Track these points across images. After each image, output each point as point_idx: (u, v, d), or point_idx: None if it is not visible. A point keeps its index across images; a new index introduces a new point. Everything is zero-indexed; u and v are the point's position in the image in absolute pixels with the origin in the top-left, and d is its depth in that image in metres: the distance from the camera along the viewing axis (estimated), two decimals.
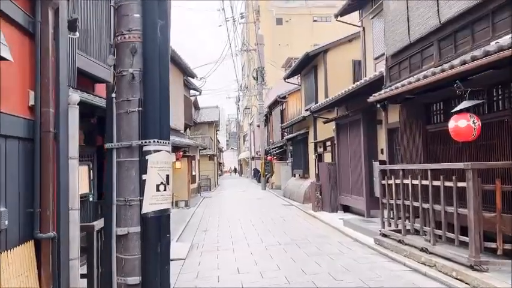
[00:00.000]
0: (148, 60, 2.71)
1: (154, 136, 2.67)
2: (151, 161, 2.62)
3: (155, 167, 2.63)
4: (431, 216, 6.18)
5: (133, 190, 2.67)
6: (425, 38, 6.59)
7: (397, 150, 9.68)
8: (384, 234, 7.77)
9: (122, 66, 2.75)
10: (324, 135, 15.02)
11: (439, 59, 6.33)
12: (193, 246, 8.86)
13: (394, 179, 7.37)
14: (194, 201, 18.16)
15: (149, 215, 2.62)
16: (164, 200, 2.68)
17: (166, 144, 2.74)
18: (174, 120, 15.81)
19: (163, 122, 2.74)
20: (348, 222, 10.04)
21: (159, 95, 2.72)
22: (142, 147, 2.66)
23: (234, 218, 13.10)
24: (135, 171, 2.68)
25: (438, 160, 6.87)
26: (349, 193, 11.86)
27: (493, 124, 5.64)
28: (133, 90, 2.72)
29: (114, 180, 2.70)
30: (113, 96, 2.77)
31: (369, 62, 12.49)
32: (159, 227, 2.65)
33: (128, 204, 2.66)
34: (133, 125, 2.71)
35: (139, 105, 2.71)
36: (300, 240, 8.95)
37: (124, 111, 2.73)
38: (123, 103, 2.74)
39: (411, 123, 7.59)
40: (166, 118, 2.79)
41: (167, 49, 2.82)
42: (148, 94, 2.70)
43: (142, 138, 2.68)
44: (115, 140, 2.73)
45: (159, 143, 2.68)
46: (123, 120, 2.72)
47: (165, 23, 2.79)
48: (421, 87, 6.07)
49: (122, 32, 2.77)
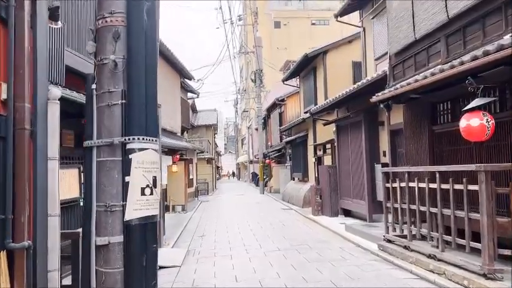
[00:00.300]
0: (132, 46, 2.39)
1: (140, 132, 2.34)
2: (135, 160, 2.30)
3: (140, 168, 2.31)
4: (440, 221, 5.85)
5: (116, 194, 2.35)
6: (432, 34, 6.29)
7: (400, 152, 9.38)
8: (388, 239, 7.44)
9: (103, 53, 2.43)
10: (324, 137, 14.71)
11: (446, 56, 6.04)
12: (190, 253, 8.52)
13: (399, 182, 7.05)
14: (191, 206, 17.80)
15: (133, 222, 2.29)
16: (150, 206, 2.35)
17: (154, 141, 2.41)
18: (171, 122, 15.48)
19: (150, 117, 2.41)
20: (350, 227, 9.71)
21: (145, 86, 2.40)
22: (126, 145, 2.34)
23: (232, 223, 12.75)
24: (117, 173, 2.36)
25: (445, 162, 6.56)
26: (350, 197, 11.53)
27: (505, 123, 5.33)
28: (115, 80, 2.40)
29: (93, 183, 2.38)
30: (93, 88, 2.45)
31: (370, 63, 12.22)
32: (144, 236, 2.32)
33: (109, 210, 2.33)
34: (116, 119, 2.38)
35: (123, 97, 2.39)
36: (300, 245, 8.62)
37: (105, 104, 2.40)
38: (104, 95, 2.41)
39: (416, 124, 7.28)
40: (153, 112, 2.46)
41: (155, 34, 2.50)
42: (133, 85, 2.37)
43: (125, 134, 2.36)
44: (95, 137, 2.41)
45: (145, 140, 2.35)
46: (104, 114, 2.40)
47: (153, 5, 2.47)
48: (429, 85, 5.77)
49: (103, 15, 2.45)
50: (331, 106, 12.33)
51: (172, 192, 15.86)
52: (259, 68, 25.81)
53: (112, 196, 2.34)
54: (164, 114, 13.68)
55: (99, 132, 2.40)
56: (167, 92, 15.05)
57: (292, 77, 19.81)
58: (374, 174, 10.20)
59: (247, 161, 44.85)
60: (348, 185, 11.74)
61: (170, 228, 11.23)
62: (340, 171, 12.30)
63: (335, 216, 12.27)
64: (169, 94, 15.39)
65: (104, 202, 2.35)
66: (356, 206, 11.19)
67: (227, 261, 7.60)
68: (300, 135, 17.83)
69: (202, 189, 26.69)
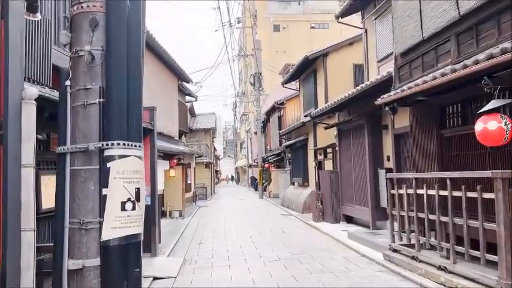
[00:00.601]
0: (112, 36, 2.05)
1: (120, 136, 2.00)
2: (114, 169, 1.95)
3: (120, 178, 1.96)
4: (452, 231, 5.50)
5: (92, 209, 2.00)
6: (441, 32, 5.96)
7: (406, 157, 9.04)
8: (394, 249, 7.07)
9: (79, 44, 2.09)
10: (325, 141, 14.37)
11: (457, 56, 5.71)
12: (186, 262, 8.14)
13: (406, 189, 6.70)
14: (189, 211, 17.41)
15: (111, 243, 1.94)
16: (132, 223, 2.00)
17: (137, 147, 2.07)
18: (168, 126, 15.13)
19: (132, 119, 2.07)
20: (353, 235, 9.35)
21: (128, 82, 2.05)
22: (103, 152, 1.99)
23: (230, 230, 12.37)
24: (93, 184, 2.01)
25: (455, 168, 6.22)
26: (353, 203, 11.17)
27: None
28: (92, 75, 2.06)
29: (66, 196, 2.03)
30: (67, 85, 2.10)
31: (372, 65, 11.91)
32: (125, 259, 1.97)
33: (83, 227, 1.98)
34: (92, 121, 2.04)
35: (101, 95, 2.04)
36: (301, 254, 8.24)
37: (80, 103, 2.06)
38: (79, 93, 2.07)
39: (423, 128, 6.94)
40: (136, 113, 2.12)
41: (139, 22, 2.15)
42: (113, 81, 2.03)
43: (103, 139, 2.01)
44: (69, 141, 2.06)
45: (126, 146, 2.01)
46: (79, 116, 2.06)
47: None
48: (439, 86, 5.43)
49: (79, 0, 2.11)
50: (333, 109, 12.00)
51: (170, 197, 15.49)
52: (259, 71, 25.49)
53: (87, 211, 2.00)
54: (160, 118, 13.33)
55: (73, 136, 2.06)
56: (164, 95, 14.71)
57: (292, 80, 19.51)
58: (377, 179, 9.85)
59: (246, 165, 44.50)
60: (350, 191, 11.38)
61: (166, 235, 10.85)
62: (342, 177, 11.95)
63: (337, 222, 11.91)
64: (166, 97, 15.05)
65: (78, 218, 2.00)
66: (359, 212, 10.83)
67: (225, 271, 7.24)
68: (300, 139, 17.49)
69: (201, 194, 26.30)
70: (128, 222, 1.96)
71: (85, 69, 2.06)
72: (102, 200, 1.97)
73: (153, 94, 12.91)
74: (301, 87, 18.70)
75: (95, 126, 2.04)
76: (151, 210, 8.36)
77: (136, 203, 2.01)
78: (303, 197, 15.87)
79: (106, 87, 2.03)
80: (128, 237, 1.97)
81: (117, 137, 1.99)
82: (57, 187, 2.07)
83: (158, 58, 13.82)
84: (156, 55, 13.55)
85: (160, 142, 12.56)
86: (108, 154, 1.97)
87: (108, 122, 2.01)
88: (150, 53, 12.99)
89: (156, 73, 13.68)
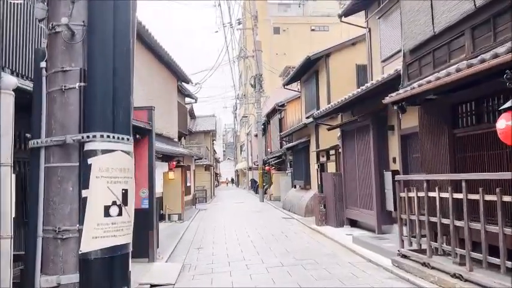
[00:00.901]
0: (96, 8, 1.72)
1: (104, 128, 1.67)
2: (96, 166, 1.62)
3: (104, 178, 1.63)
4: (468, 236, 5.16)
5: (69, 214, 1.67)
6: (454, 27, 5.65)
7: (413, 159, 8.72)
8: (403, 254, 6.73)
9: (56, 18, 1.76)
10: (327, 143, 14.04)
11: (472, 51, 5.38)
12: (185, 268, 7.81)
13: (416, 192, 6.37)
14: (189, 214, 17.05)
15: (92, 256, 1.61)
16: (118, 231, 1.66)
17: (125, 141, 1.74)
18: (167, 127, 14.80)
19: (119, 107, 1.74)
20: (358, 239, 9.00)
21: (114, 63, 1.72)
22: (84, 145, 1.66)
23: (231, 233, 12.03)
24: (72, 184, 1.68)
25: (469, 169, 5.88)
26: (357, 206, 10.83)
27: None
28: (72, 55, 1.74)
29: (40, 199, 1.70)
30: (42, 66, 1.77)
31: (376, 65, 11.63)
32: (109, 275, 1.63)
33: (59, 237, 1.65)
34: (71, 109, 1.72)
35: (81, 78, 1.72)
36: (305, 260, 7.90)
37: (57, 88, 1.74)
38: (56, 76, 1.74)
39: (434, 127, 6.61)
40: (125, 100, 1.78)
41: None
42: (96, 61, 1.70)
43: (84, 130, 1.68)
44: (43, 133, 1.73)
45: (112, 138, 1.68)
46: (56, 103, 1.73)
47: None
48: (453, 83, 5.11)
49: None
50: (336, 110, 11.68)
51: (169, 200, 15.14)
52: (259, 72, 25.20)
53: (64, 217, 1.67)
54: (159, 119, 13.01)
55: (49, 127, 1.73)
56: (163, 95, 14.40)
57: (293, 81, 19.24)
58: (383, 182, 9.51)
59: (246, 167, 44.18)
60: (354, 194, 11.05)
61: (165, 240, 10.51)
62: (346, 179, 11.61)
63: (340, 226, 11.56)
64: (165, 97, 14.73)
65: (53, 226, 1.67)
66: (363, 216, 10.48)
67: (226, 278, 6.91)
68: (301, 141, 17.17)
69: (200, 197, 25.93)
70: (113, 231, 1.63)
71: (63, 47, 1.73)
72: (81, 204, 1.63)
73: (152, 94, 12.60)
74: (303, 88, 18.41)
75: (75, 116, 1.71)
76: (150, 213, 8.03)
77: (124, 208, 1.68)
78: (305, 200, 15.52)
79: (88, 69, 1.71)
80: (113, 248, 1.64)
81: (101, 128, 1.66)
82: (29, 188, 1.74)
83: (157, 58, 13.52)
84: (155, 55, 13.24)
85: (159, 144, 12.24)
86: (89, 148, 1.64)
87: (90, 111, 1.68)
88: (149, 53, 12.68)
89: (155, 73, 13.37)
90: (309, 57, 14.92)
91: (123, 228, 1.67)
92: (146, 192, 8.09)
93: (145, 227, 7.91)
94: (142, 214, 7.93)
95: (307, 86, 17.56)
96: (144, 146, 8.15)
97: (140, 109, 8.65)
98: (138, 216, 7.64)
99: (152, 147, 8.19)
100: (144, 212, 7.97)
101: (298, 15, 46.41)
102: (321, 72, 15.55)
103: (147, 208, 8.04)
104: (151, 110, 8.25)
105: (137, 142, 8.06)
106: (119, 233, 1.66)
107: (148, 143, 8.16)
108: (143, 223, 7.86)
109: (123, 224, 1.68)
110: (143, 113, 8.27)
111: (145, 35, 11.24)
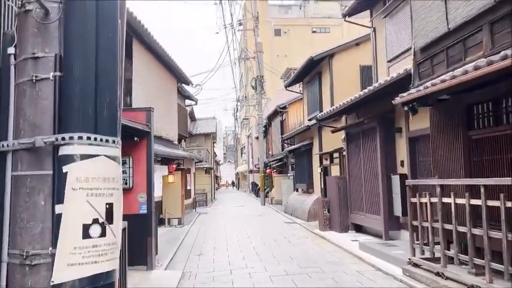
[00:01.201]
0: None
1: (84, 127, 1.35)
2: (74, 176, 1.29)
3: (82, 189, 1.30)
4: (487, 246, 4.83)
5: (41, 235, 1.35)
6: (471, 22, 5.32)
7: (422, 163, 8.39)
8: (414, 263, 6.39)
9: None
10: (331, 146, 13.72)
11: (491, 47, 5.07)
12: (185, 276, 7.48)
13: (429, 197, 6.04)
14: (189, 218, 16.71)
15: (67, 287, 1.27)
16: (101, 256, 1.33)
17: (110, 144, 1.41)
18: (167, 130, 14.48)
19: (104, 102, 1.41)
20: (364, 246, 8.66)
21: (97, 48, 1.39)
22: (59, 149, 1.33)
23: (232, 239, 11.69)
24: (44, 197, 1.36)
25: (486, 174, 5.56)
26: (363, 211, 10.49)
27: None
28: (45, 38, 1.41)
29: (6, 215, 1.37)
30: (10, 53, 1.45)
31: (381, 66, 11.32)
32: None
33: (28, 263, 1.33)
34: (44, 105, 1.39)
35: (57, 67, 1.39)
36: (310, 268, 7.57)
37: (27, 78, 1.41)
38: (25, 64, 1.42)
39: (447, 130, 6.29)
40: (111, 95, 1.46)
41: None
42: (75, 46, 1.38)
43: (60, 131, 1.36)
44: (11, 135, 1.41)
45: (93, 141, 1.35)
46: (25, 97, 1.40)
47: None
48: (470, 81, 4.79)
49: None
50: (341, 111, 11.37)
51: (168, 204, 14.82)
52: (260, 74, 24.90)
53: (34, 238, 1.34)
54: (159, 120, 12.71)
55: (17, 127, 1.40)
56: (162, 97, 14.08)
57: (296, 82, 18.94)
58: (390, 186, 9.18)
59: (247, 170, 43.84)
60: (359, 198, 10.71)
61: (164, 245, 10.17)
62: (351, 183, 11.28)
63: (345, 231, 11.22)
64: (164, 99, 14.42)
65: (21, 249, 1.34)
66: (369, 221, 10.14)
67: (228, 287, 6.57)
68: (304, 144, 16.84)
69: (201, 200, 25.62)
70: (94, 256, 1.30)
71: (35, 29, 1.41)
72: (55, 222, 1.31)
73: (151, 95, 12.29)
74: (305, 90, 18.11)
75: (48, 113, 1.39)
76: (148, 219, 7.71)
77: (108, 226, 1.35)
78: (308, 204, 15.19)
79: (65, 56, 1.38)
80: (95, 278, 1.31)
81: (80, 128, 1.34)
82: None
83: (157, 58, 13.22)
84: (155, 54, 12.94)
85: (159, 146, 11.93)
86: (65, 153, 1.32)
87: (67, 106, 1.35)
88: (148, 53, 12.38)
89: (154, 73, 13.06)
90: (312, 58, 14.62)
91: (107, 252, 1.35)
92: (144, 196, 7.77)
93: (144, 233, 7.59)
94: (140, 219, 7.63)
95: (309, 88, 17.25)
96: (142, 148, 7.84)
97: (138, 110, 8.36)
98: (136, 222, 7.38)
99: (151, 149, 7.87)
100: (142, 218, 7.66)
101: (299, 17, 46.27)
102: (324, 73, 15.25)
103: (146, 213, 7.72)
104: (150, 111, 7.93)
105: (135, 144, 7.75)
106: (101, 258, 1.33)
107: (147, 145, 7.84)
108: (141, 229, 7.55)
109: (107, 246, 1.35)
110: (141, 114, 7.96)
111: (144, 34, 10.95)
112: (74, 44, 1.38)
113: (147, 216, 7.70)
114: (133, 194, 7.74)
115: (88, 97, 1.37)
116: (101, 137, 1.38)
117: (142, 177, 7.79)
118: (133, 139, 7.59)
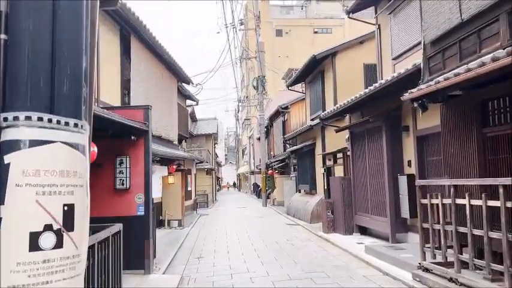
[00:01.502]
0: None
1: (34, 105, 1.03)
2: (18, 168, 0.98)
3: (31, 186, 0.98)
4: (506, 250, 4.50)
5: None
6: (487, 12, 5.01)
7: (430, 162, 8.06)
8: (425, 268, 6.06)
9: None
10: (334, 146, 13.40)
11: (508, 38, 4.75)
12: (184, 280, 7.16)
13: (441, 198, 5.72)
14: (189, 220, 16.39)
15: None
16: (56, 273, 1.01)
17: (71, 127, 1.09)
18: (167, 129, 14.17)
19: (63, 74, 1.09)
20: (370, 249, 8.32)
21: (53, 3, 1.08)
22: (1, 133, 1.02)
23: (233, 241, 11.36)
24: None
25: (503, 173, 5.23)
26: (368, 212, 10.16)
27: None
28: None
29: None
30: None
31: (386, 63, 11.00)
32: None
33: None
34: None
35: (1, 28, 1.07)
36: (314, 272, 7.23)
37: None
38: None
39: (460, 127, 5.96)
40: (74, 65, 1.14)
41: None
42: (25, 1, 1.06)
43: (4, 110, 1.04)
44: None
45: (48, 122, 1.04)
46: None
47: None
48: (488, 74, 4.47)
49: None
50: (345, 110, 11.05)
51: (168, 205, 14.50)
52: (262, 74, 24.60)
53: None
54: (158, 120, 12.41)
55: None
56: (162, 96, 13.78)
57: (298, 82, 18.63)
58: (397, 187, 8.85)
59: (248, 171, 43.54)
60: (365, 199, 10.38)
61: (163, 248, 9.88)
62: (355, 184, 10.95)
63: (349, 234, 10.89)
64: (164, 98, 14.11)
65: None
66: (375, 223, 9.81)
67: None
68: (306, 144, 16.51)
69: (202, 202, 25.31)
70: (45, 274, 0.99)
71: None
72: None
73: (150, 93, 11.99)
74: (308, 89, 17.80)
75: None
76: (146, 221, 7.40)
77: (66, 234, 1.03)
78: (311, 205, 14.85)
79: (11, 13, 1.06)
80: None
81: (28, 105, 1.02)
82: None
83: (156, 56, 12.91)
84: (155, 54, 12.64)
85: (158, 146, 11.61)
86: (9, 138, 1.00)
87: (14, 79, 1.03)
88: (148, 51, 12.08)
89: (153, 72, 12.76)
90: (315, 56, 14.31)
91: (65, 269, 1.03)
92: (142, 198, 7.47)
93: (141, 235, 7.28)
94: (138, 222, 7.34)
95: (312, 87, 16.94)
96: (140, 147, 7.54)
97: (136, 108, 8.07)
98: (134, 224, 7.06)
99: (149, 149, 7.57)
100: (139, 220, 7.36)
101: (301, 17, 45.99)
102: (327, 72, 14.94)
103: (143, 215, 7.41)
104: (148, 109, 7.63)
105: (133, 143, 7.46)
106: (56, 276, 1.01)
107: (145, 144, 7.54)
108: (139, 231, 7.25)
109: (64, 261, 1.03)
110: (139, 112, 7.66)
111: (142, 30, 10.65)
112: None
113: (145, 218, 7.40)
114: (131, 195, 7.45)
115: (41, 67, 1.05)
116: (58, 118, 1.06)
117: (140, 177, 7.49)
118: (130, 138, 7.29)
